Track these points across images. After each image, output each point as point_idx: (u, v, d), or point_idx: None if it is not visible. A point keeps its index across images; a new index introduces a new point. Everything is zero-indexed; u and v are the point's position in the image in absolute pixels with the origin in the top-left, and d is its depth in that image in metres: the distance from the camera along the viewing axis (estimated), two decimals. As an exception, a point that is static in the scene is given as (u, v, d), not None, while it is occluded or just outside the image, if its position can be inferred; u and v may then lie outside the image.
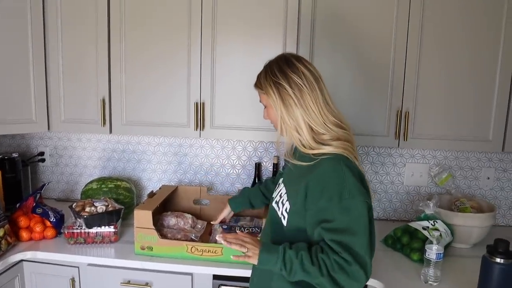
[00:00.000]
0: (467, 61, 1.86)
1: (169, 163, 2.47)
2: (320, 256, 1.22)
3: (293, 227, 1.34)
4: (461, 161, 2.27)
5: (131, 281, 1.83)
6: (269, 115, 1.41)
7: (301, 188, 1.29)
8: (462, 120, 1.91)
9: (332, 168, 1.25)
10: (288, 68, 1.32)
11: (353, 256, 1.18)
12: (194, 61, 1.99)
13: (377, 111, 1.94)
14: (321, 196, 1.23)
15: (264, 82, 1.36)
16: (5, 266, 1.79)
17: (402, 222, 2.17)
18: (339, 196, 1.21)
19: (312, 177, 1.27)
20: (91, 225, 1.91)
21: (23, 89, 2.05)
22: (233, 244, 1.31)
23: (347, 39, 1.90)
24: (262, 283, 1.42)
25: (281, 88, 1.31)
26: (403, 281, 1.64)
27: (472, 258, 1.85)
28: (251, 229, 1.90)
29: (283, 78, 1.31)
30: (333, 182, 1.23)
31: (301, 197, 1.29)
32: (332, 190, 1.22)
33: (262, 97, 1.41)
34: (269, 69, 1.36)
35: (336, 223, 1.21)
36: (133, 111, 2.08)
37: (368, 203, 1.24)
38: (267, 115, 1.43)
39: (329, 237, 1.21)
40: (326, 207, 1.22)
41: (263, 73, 1.39)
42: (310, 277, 1.23)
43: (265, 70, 1.38)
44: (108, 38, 2.03)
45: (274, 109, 1.35)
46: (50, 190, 2.59)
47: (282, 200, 1.40)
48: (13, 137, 2.57)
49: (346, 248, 1.19)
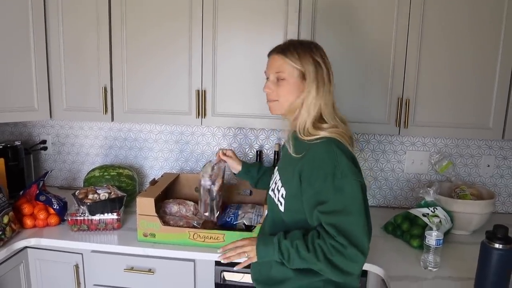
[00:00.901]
0: (469, 48, 1.86)
1: (171, 151, 2.48)
2: (317, 242, 1.24)
3: (291, 212, 1.36)
4: (461, 148, 2.27)
5: (134, 268, 1.85)
6: (282, 88, 1.36)
7: (296, 172, 1.31)
8: (462, 108, 1.91)
9: (324, 149, 1.27)
10: (325, 55, 1.38)
11: (349, 238, 1.20)
12: (195, 48, 1.98)
13: (377, 98, 1.94)
14: (316, 178, 1.25)
15: (303, 56, 1.33)
16: (10, 253, 1.81)
17: (402, 209, 2.19)
18: (332, 176, 1.22)
19: (305, 160, 1.29)
20: (94, 212, 1.92)
21: (24, 77, 2.05)
22: (233, 257, 1.37)
23: (348, 27, 1.89)
24: (263, 270, 1.44)
25: (319, 70, 1.32)
26: (403, 267, 1.66)
27: (471, 245, 1.87)
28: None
29: (323, 61, 1.34)
30: (326, 163, 1.25)
31: (296, 180, 1.30)
32: (325, 170, 1.24)
33: (284, 67, 1.35)
34: (308, 46, 1.36)
35: (331, 203, 1.22)
36: (134, 98, 2.08)
37: (361, 182, 1.25)
38: (276, 88, 1.38)
39: (325, 220, 1.23)
40: (321, 189, 1.24)
41: (300, 47, 1.35)
42: (308, 264, 1.27)
43: (302, 46, 1.36)
44: (109, 24, 2.02)
45: (294, 85, 1.34)
46: (53, 178, 2.61)
47: (277, 187, 1.42)
48: (15, 125, 2.58)
49: (342, 231, 1.20)
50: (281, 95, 1.37)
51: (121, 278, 1.87)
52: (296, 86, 1.34)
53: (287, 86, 1.35)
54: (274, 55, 1.38)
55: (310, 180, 1.27)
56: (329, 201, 1.23)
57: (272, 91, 1.39)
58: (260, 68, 1.52)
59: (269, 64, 1.41)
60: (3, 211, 1.80)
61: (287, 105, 1.37)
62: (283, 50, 1.36)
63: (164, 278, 1.85)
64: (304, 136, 1.32)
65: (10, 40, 1.98)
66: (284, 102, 1.37)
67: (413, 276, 1.60)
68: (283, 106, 1.38)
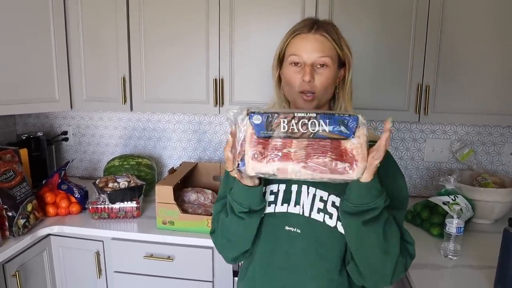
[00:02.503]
0: (492, 31, 1.81)
1: (189, 140, 2.49)
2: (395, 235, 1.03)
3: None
4: (483, 136, 2.23)
5: (153, 255, 1.88)
6: (322, 77, 1.08)
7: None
8: (485, 94, 1.86)
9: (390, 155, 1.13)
10: None
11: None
12: (212, 37, 1.99)
13: (396, 85, 1.91)
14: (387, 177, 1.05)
15: (341, 37, 1.12)
16: (34, 240, 1.86)
17: (422, 198, 2.16)
18: (400, 173, 1.12)
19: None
20: (114, 200, 1.95)
21: (46, 68, 2.08)
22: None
23: (365, 14, 1.86)
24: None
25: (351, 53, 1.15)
26: (423, 255, 1.64)
27: (493, 234, 1.83)
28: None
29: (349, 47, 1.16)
30: (391, 160, 1.13)
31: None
32: (393, 169, 1.11)
33: (329, 51, 1.09)
34: (337, 31, 1.13)
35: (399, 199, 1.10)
36: (153, 88, 2.10)
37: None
38: (318, 75, 1.08)
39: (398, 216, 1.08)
40: (398, 186, 1.10)
41: (337, 29, 1.13)
42: (380, 245, 1.01)
43: (337, 29, 1.13)
44: (127, 15, 2.04)
45: (334, 74, 1.11)
46: (74, 168, 2.66)
47: (330, 204, 1.09)
48: (37, 116, 2.64)
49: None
50: (321, 87, 1.09)
51: (141, 265, 1.90)
52: (335, 74, 1.12)
53: (329, 75, 1.09)
54: (313, 35, 1.09)
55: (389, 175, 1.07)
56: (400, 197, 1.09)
57: (314, 81, 1.08)
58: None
59: (306, 45, 1.09)
60: (27, 200, 1.85)
61: (324, 100, 1.13)
62: (325, 29, 1.09)
63: (183, 265, 1.87)
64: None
65: (31, 33, 2.02)
66: (322, 96, 1.11)
67: (433, 264, 1.58)
68: (320, 102, 1.11)
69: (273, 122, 0.90)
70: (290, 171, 0.90)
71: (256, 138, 0.90)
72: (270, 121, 0.91)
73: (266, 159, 0.89)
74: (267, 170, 0.90)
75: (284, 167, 0.89)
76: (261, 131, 0.90)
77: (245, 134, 0.92)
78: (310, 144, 0.90)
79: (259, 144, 0.90)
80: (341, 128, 0.90)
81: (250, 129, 0.91)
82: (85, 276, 1.99)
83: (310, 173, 0.89)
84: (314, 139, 0.90)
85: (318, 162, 0.89)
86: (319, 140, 0.90)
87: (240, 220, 1.09)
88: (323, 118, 0.90)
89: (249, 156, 0.90)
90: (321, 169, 0.89)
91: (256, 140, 0.90)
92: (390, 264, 1.02)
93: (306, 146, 0.89)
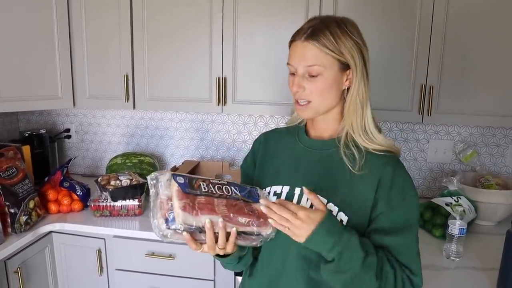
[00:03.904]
0: (496, 32, 1.79)
1: (192, 139, 2.49)
2: (386, 270, 1.02)
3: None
4: (487, 137, 2.22)
5: (155, 253, 1.88)
6: (317, 85, 1.03)
7: (368, 194, 1.04)
8: (488, 95, 1.85)
9: (404, 171, 1.08)
10: (362, 35, 1.07)
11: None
12: (215, 36, 1.98)
13: (400, 85, 1.90)
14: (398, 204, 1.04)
15: (342, 39, 1.01)
16: (36, 237, 1.86)
17: (424, 199, 2.15)
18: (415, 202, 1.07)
19: (385, 180, 1.04)
20: (116, 198, 1.95)
21: (49, 66, 2.08)
22: (273, 214, 0.97)
23: (369, 15, 1.86)
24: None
25: (365, 55, 1.06)
26: (425, 256, 1.62)
27: (496, 235, 1.83)
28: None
29: (364, 45, 1.06)
30: (409, 185, 1.07)
31: (368, 204, 1.04)
32: (395, 194, 1.05)
33: (319, 59, 1.01)
34: (343, 23, 1.03)
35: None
36: (156, 86, 2.10)
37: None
38: (308, 85, 1.03)
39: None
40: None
41: (335, 25, 1.02)
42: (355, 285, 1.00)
43: (338, 24, 1.03)
44: (130, 11, 2.04)
45: (334, 81, 1.03)
46: (76, 166, 2.66)
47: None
48: (40, 114, 2.64)
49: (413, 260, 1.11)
50: (316, 95, 1.04)
51: (142, 263, 1.90)
52: (336, 81, 1.03)
53: (324, 82, 1.02)
54: (302, 42, 1.02)
55: (391, 203, 1.03)
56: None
57: (304, 90, 1.04)
58: (281, 54, 1.49)
59: (295, 54, 1.04)
60: (29, 197, 1.85)
61: (324, 108, 1.07)
62: (314, 34, 1.00)
63: (184, 264, 1.87)
64: (365, 140, 1.06)
65: (34, 30, 2.02)
66: (319, 104, 1.06)
67: (435, 266, 1.58)
68: (318, 110, 1.07)
69: (194, 184, 0.99)
70: (215, 222, 0.95)
71: (183, 193, 0.95)
72: (192, 182, 0.99)
73: (195, 210, 0.94)
74: (196, 222, 0.94)
75: (212, 219, 0.95)
76: (186, 188, 0.97)
77: (171, 192, 0.96)
78: (228, 202, 1.00)
79: (187, 198, 0.95)
80: (248, 194, 1.04)
81: (176, 186, 0.96)
82: (86, 274, 2.00)
83: (231, 225, 0.97)
84: (231, 199, 1.01)
85: (239, 216, 0.98)
86: (235, 200, 1.01)
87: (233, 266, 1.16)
88: (233, 185, 1.04)
89: (179, 208, 0.93)
90: (241, 222, 0.98)
91: (183, 194, 0.95)
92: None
93: (226, 204, 0.99)
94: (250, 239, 1.01)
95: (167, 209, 0.95)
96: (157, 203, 0.96)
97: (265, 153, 1.23)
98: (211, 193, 0.99)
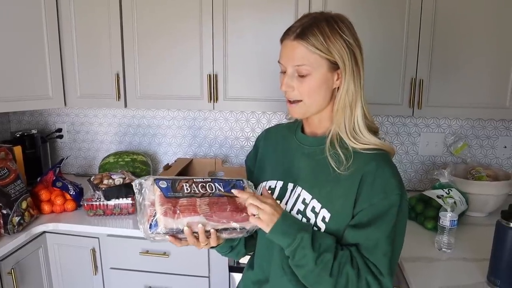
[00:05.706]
0: (485, 25, 1.81)
1: (184, 136, 2.49)
2: (346, 269, 1.01)
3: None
4: (477, 130, 2.24)
5: (149, 251, 1.88)
6: (306, 85, 1.03)
7: (352, 191, 1.03)
8: (478, 87, 1.87)
9: (393, 171, 1.05)
10: (354, 29, 1.06)
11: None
12: (206, 32, 1.98)
13: (390, 79, 1.91)
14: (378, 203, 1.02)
15: (332, 38, 1.00)
16: (29, 237, 1.85)
17: (416, 192, 2.17)
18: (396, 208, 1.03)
19: (367, 179, 1.02)
20: (109, 197, 1.95)
21: (39, 65, 2.07)
22: (248, 196, 1.02)
23: (359, 9, 1.86)
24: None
25: (356, 54, 1.05)
26: (417, 249, 1.65)
27: (487, 226, 1.84)
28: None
29: (357, 43, 1.05)
30: (393, 188, 1.03)
31: (351, 200, 1.03)
32: (389, 198, 1.02)
33: (308, 59, 1.01)
34: (334, 21, 1.02)
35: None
36: (147, 84, 2.10)
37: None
38: (298, 84, 1.04)
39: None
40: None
41: (324, 24, 1.01)
42: (313, 280, 1.03)
43: (328, 22, 1.01)
44: (119, 7, 2.03)
45: (323, 80, 1.03)
46: (69, 166, 2.66)
47: (311, 209, 1.06)
48: (31, 114, 2.63)
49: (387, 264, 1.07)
50: (306, 94, 1.04)
51: (137, 261, 1.90)
52: (325, 80, 1.03)
53: (313, 82, 1.02)
54: (291, 41, 1.02)
55: (372, 200, 1.02)
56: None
57: (293, 90, 1.05)
58: (271, 50, 1.49)
59: (285, 53, 1.05)
60: (22, 197, 1.84)
61: (315, 108, 1.07)
62: (303, 34, 1.00)
63: (179, 261, 1.88)
64: (353, 140, 1.05)
65: (23, 29, 2.00)
66: (310, 104, 1.06)
67: (427, 257, 1.59)
68: (309, 109, 1.07)
69: (177, 186, 1.03)
70: (197, 222, 1.00)
71: (164, 198, 1.00)
72: (174, 185, 1.03)
73: (176, 214, 0.98)
74: (177, 225, 0.98)
75: (193, 220, 0.99)
76: (168, 192, 1.01)
77: (154, 197, 1.00)
78: (211, 200, 1.03)
79: (168, 203, 0.99)
80: (233, 188, 1.07)
81: (158, 191, 1.00)
82: (81, 273, 2.00)
83: (214, 224, 1.01)
84: (214, 197, 1.04)
85: (221, 214, 1.02)
86: (218, 198, 1.04)
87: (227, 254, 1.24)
88: (217, 181, 1.08)
89: (160, 213, 0.97)
90: (223, 219, 1.02)
91: (165, 200, 0.99)
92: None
93: (208, 203, 1.03)
94: (235, 232, 1.06)
95: (151, 214, 1.00)
96: (143, 209, 1.01)
97: (265, 148, 1.25)
98: (193, 193, 1.03)
